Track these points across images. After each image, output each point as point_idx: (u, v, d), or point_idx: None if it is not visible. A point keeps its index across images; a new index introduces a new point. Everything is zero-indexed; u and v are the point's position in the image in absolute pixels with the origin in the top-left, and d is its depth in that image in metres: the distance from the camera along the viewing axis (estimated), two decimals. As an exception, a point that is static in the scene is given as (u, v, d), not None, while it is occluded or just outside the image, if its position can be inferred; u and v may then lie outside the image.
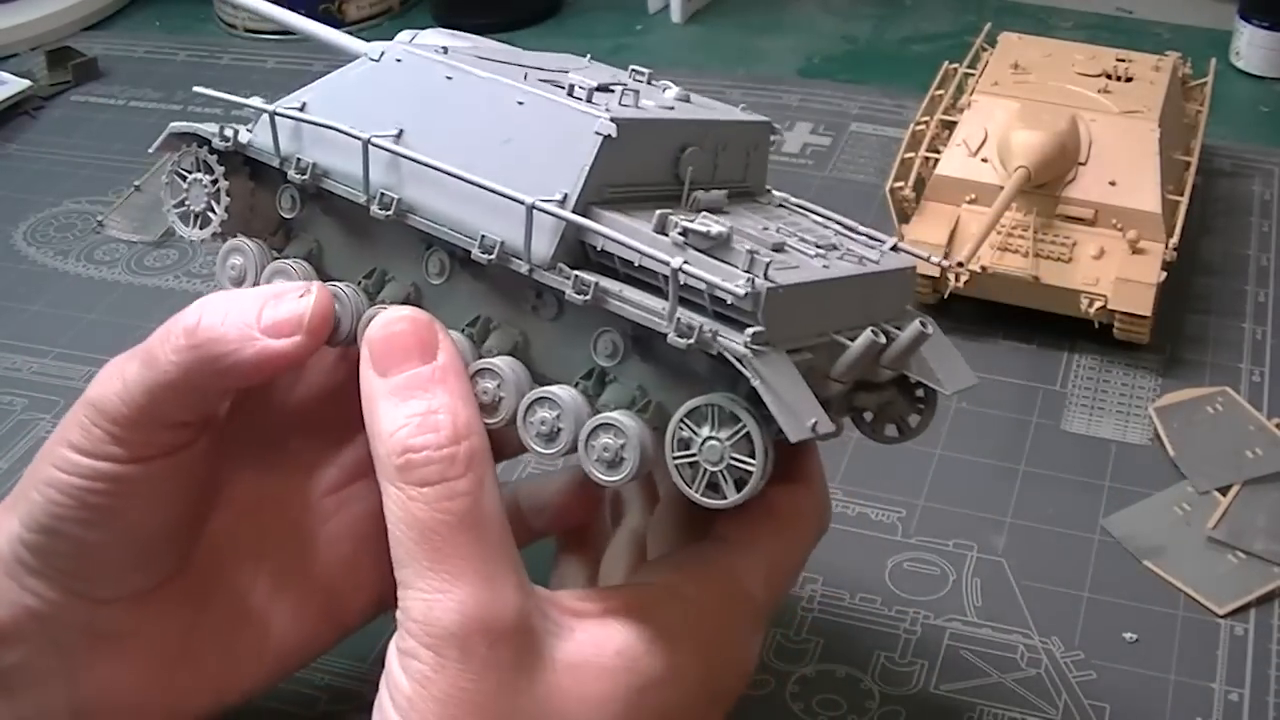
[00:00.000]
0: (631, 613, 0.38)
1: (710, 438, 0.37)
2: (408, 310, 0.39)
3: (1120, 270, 0.66)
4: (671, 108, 0.43)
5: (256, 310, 0.39)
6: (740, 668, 0.41)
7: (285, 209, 0.44)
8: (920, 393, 0.45)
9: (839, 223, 0.45)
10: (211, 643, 0.45)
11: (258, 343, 0.39)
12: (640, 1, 1.06)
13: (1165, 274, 0.66)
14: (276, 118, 0.42)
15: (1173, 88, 0.73)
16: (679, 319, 0.36)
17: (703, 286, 0.36)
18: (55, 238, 0.81)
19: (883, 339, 0.40)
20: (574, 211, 0.38)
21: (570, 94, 0.40)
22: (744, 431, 0.36)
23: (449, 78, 0.41)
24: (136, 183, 0.83)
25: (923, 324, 0.41)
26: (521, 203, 0.38)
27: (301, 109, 0.42)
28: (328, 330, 0.40)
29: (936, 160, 0.70)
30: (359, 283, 0.42)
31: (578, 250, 0.39)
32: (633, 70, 0.46)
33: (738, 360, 0.36)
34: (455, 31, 0.46)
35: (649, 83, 0.46)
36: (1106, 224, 0.67)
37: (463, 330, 0.41)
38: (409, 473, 0.36)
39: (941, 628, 0.55)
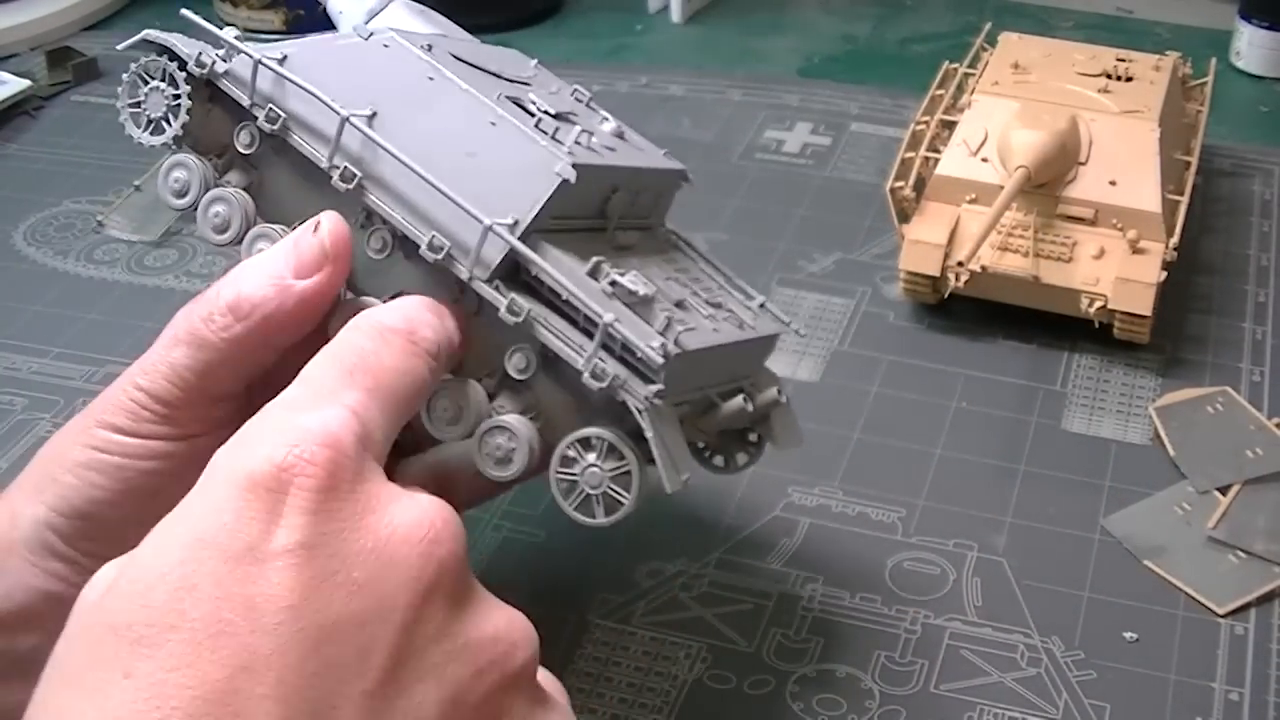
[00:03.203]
0: None
1: (593, 465, 0.42)
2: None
3: (1120, 270, 0.66)
4: (612, 148, 0.46)
5: (283, 262, 0.42)
6: None
7: (243, 144, 0.46)
8: (753, 438, 0.50)
9: (720, 270, 0.52)
10: None
11: (294, 289, 0.42)
12: (640, 1, 1.06)
13: (1165, 274, 0.66)
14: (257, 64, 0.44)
15: (1173, 88, 0.73)
16: (595, 363, 0.41)
17: (621, 338, 0.41)
18: (55, 238, 0.81)
19: (750, 406, 0.46)
20: (520, 237, 0.42)
21: (537, 126, 0.43)
22: (626, 468, 0.42)
23: (430, 78, 0.43)
24: (136, 183, 0.83)
25: (779, 392, 0.48)
26: (480, 221, 0.41)
27: (283, 60, 0.44)
28: (349, 249, 0.43)
29: (936, 160, 0.71)
30: (292, 227, 0.44)
31: (512, 267, 0.42)
32: (575, 90, 0.50)
33: (637, 411, 0.42)
34: (424, 8, 0.47)
35: (589, 105, 0.49)
36: (1106, 224, 0.67)
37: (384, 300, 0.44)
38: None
39: (941, 627, 0.55)
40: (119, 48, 0.47)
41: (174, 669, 0.30)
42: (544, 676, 0.38)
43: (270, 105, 0.44)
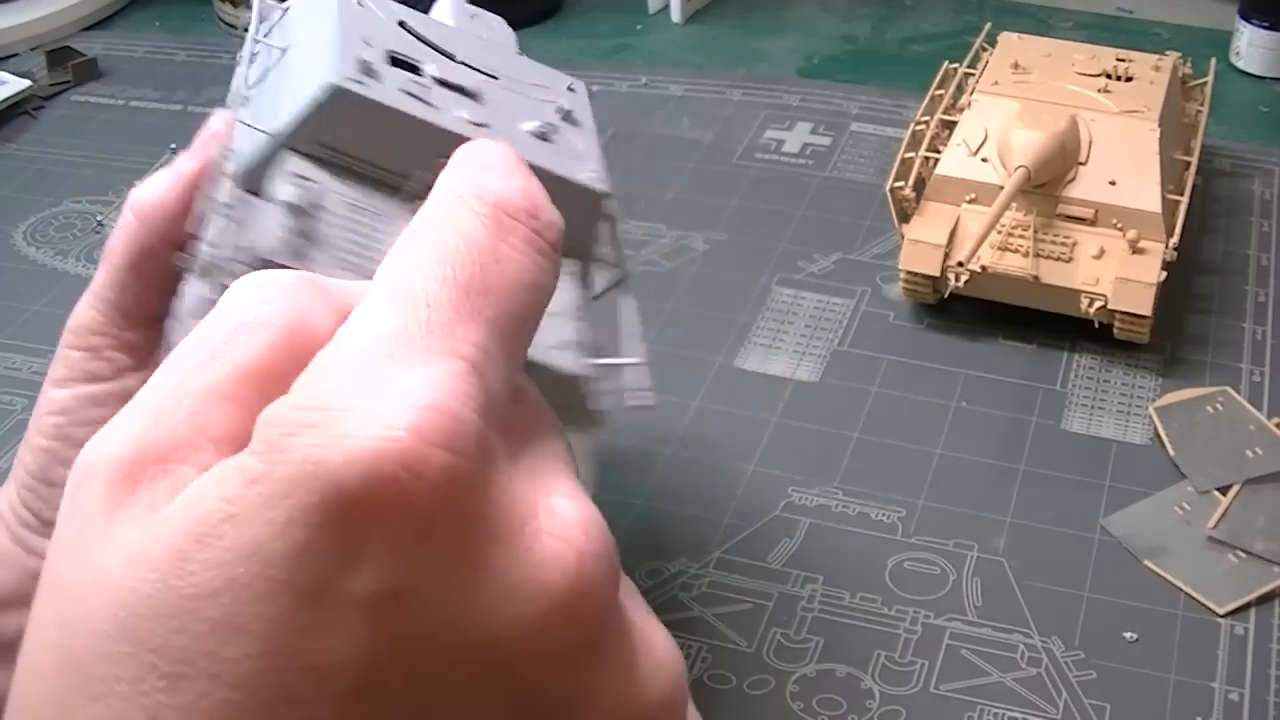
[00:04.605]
0: None
1: None
2: None
3: (1120, 270, 0.66)
4: (544, 143, 0.40)
5: (176, 166, 0.43)
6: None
7: None
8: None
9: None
10: None
11: (175, 172, 0.43)
12: (640, 1, 1.06)
13: (1165, 274, 0.66)
14: None
15: (1173, 88, 0.73)
16: None
17: None
18: (55, 238, 0.81)
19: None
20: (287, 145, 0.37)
21: (394, 62, 0.39)
22: None
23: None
24: (137, 183, 0.83)
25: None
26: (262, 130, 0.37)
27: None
28: (217, 141, 0.41)
29: (936, 160, 0.70)
30: None
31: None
32: (570, 87, 0.45)
33: None
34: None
35: (560, 113, 0.43)
36: (1106, 224, 0.67)
37: None
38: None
39: (941, 627, 0.55)
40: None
41: None
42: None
43: None
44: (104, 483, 0.24)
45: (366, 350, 0.24)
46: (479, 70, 0.42)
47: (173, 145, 0.81)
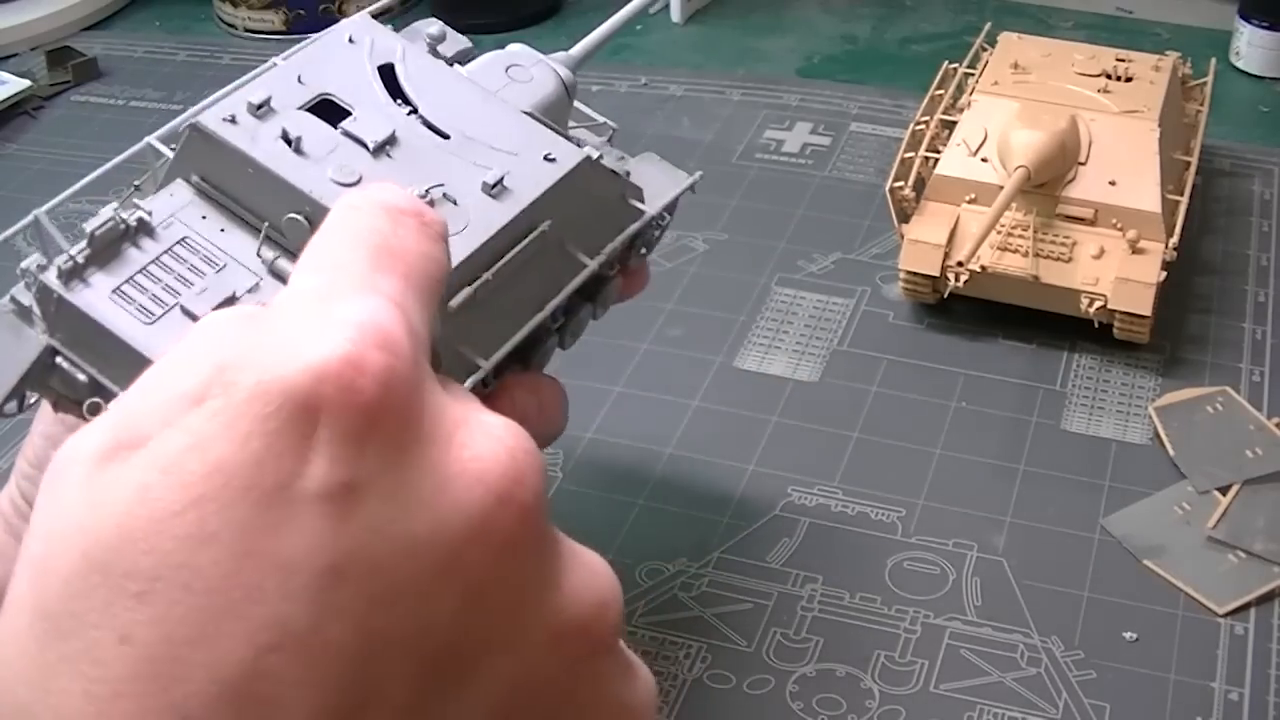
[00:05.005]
0: None
1: None
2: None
3: (1120, 270, 0.66)
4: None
5: None
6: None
7: None
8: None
9: None
10: None
11: None
12: (640, 2, 1.06)
13: (1165, 274, 0.66)
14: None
15: (1173, 88, 0.73)
16: None
17: None
18: (55, 238, 0.81)
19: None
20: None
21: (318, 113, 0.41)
22: None
23: None
24: (137, 183, 0.83)
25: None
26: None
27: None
28: None
29: (936, 160, 0.71)
30: None
31: None
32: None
33: None
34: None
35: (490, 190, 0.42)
36: (1106, 224, 0.67)
37: None
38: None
39: (941, 627, 0.55)
40: None
41: (187, 642, 0.23)
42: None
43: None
44: (79, 469, 0.25)
45: (298, 300, 0.27)
46: (432, 127, 0.42)
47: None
